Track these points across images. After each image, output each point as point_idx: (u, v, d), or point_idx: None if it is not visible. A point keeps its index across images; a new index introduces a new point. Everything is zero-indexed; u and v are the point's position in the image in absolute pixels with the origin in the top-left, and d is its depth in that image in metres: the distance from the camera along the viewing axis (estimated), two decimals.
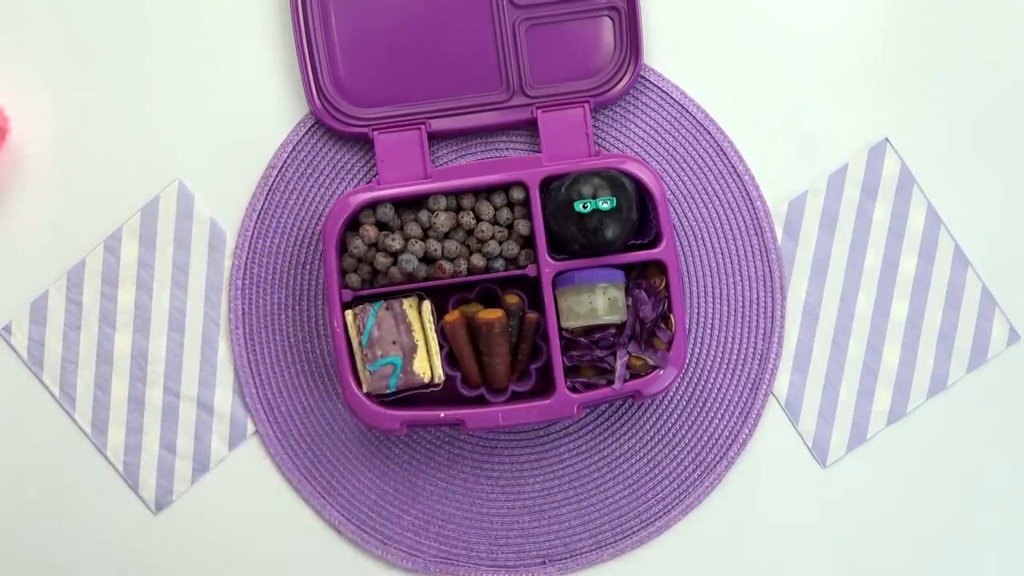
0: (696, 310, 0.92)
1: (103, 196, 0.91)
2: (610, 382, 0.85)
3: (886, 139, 0.92)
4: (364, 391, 0.85)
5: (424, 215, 0.86)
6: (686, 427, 0.91)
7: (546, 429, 0.91)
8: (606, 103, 0.90)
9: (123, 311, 0.91)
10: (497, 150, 0.91)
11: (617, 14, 0.89)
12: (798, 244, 0.92)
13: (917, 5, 0.92)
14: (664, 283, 0.86)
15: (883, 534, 0.92)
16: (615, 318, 0.84)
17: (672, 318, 0.85)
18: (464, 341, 0.86)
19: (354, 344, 0.85)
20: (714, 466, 0.91)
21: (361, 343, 0.85)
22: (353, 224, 0.87)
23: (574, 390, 0.85)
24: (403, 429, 0.85)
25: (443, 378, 0.86)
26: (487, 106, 0.89)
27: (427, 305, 0.86)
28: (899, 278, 0.92)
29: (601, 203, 0.82)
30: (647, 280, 0.86)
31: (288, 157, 0.91)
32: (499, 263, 0.87)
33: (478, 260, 0.86)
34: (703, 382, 0.91)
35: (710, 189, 0.92)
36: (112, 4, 0.91)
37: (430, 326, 0.85)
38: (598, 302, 0.84)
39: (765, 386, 0.91)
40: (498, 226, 0.87)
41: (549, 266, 0.85)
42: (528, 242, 0.87)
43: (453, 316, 0.85)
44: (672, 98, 0.92)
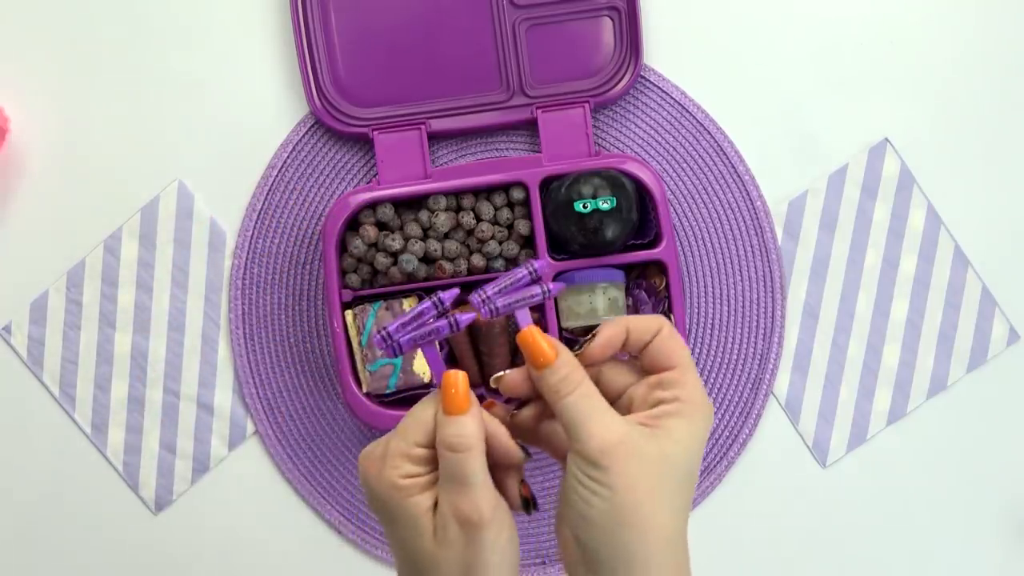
0: (696, 310, 0.91)
1: (103, 196, 0.91)
2: None
3: (886, 139, 0.92)
4: (364, 391, 0.85)
5: (424, 215, 0.86)
6: None
7: None
8: (606, 103, 0.90)
9: (123, 311, 0.91)
10: (497, 150, 0.91)
11: (617, 14, 0.89)
12: (798, 244, 0.92)
13: (917, 5, 0.92)
14: (664, 283, 0.86)
15: (883, 534, 0.92)
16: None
17: (672, 318, 0.85)
18: (464, 341, 0.86)
19: (354, 344, 0.85)
20: (714, 466, 0.91)
21: (361, 343, 0.85)
22: (353, 224, 0.87)
23: None
24: None
25: None
26: (487, 106, 0.89)
27: None
28: (899, 278, 0.92)
29: (601, 203, 0.82)
30: (647, 280, 0.86)
31: (288, 157, 0.91)
32: (499, 263, 0.87)
33: (478, 260, 0.86)
34: (703, 382, 0.91)
35: (710, 189, 0.91)
36: (112, 4, 0.91)
37: None
38: (598, 302, 0.84)
39: (765, 386, 0.91)
40: (498, 226, 0.87)
41: (549, 266, 0.85)
42: (528, 242, 0.87)
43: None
44: (672, 98, 0.91)
